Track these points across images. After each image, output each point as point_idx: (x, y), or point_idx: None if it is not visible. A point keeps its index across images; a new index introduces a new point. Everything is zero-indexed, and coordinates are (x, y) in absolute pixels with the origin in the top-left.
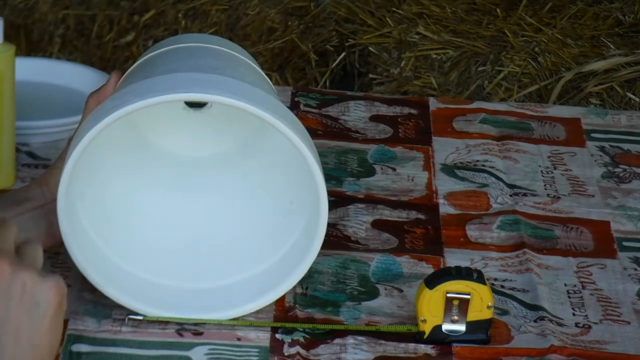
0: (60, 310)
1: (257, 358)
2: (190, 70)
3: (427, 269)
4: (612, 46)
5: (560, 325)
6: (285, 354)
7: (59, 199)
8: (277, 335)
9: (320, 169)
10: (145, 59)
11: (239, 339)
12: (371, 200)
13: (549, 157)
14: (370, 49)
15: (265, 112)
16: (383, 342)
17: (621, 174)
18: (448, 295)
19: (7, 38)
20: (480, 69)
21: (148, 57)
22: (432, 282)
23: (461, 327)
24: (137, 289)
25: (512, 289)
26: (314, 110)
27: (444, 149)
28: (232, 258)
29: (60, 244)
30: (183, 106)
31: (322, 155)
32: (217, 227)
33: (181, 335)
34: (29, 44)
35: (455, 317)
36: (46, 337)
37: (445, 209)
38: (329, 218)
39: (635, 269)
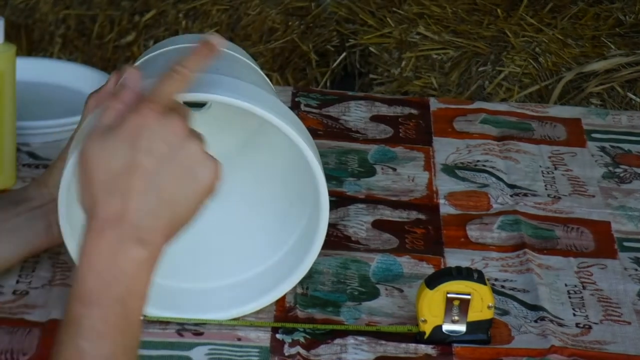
0: (209, 194)
1: (257, 358)
2: None
3: (428, 269)
4: (612, 46)
5: (561, 325)
6: (286, 354)
7: (60, 199)
8: (278, 336)
9: (321, 169)
10: (145, 59)
11: (239, 339)
12: (372, 201)
13: (549, 157)
14: (371, 49)
15: (267, 111)
16: (383, 342)
17: (622, 174)
18: (448, 295)
19: (8, 38)
20: (480, 69)
21: (148, 57)
22: (432, 282)
23: (462, 328)
24: None
25: (513, 289)
26: (314, 111)
27: (445, 149)
28: (233, 258)
29: (59, 244)
30: None
31: (323, 156)
32: (218, 228)
33: (181, 335)
34: (30, 44)
35: (456, 318)
36: (188, 210)
37: (446, 209)
38: (329, 218)
39: (636, 269)
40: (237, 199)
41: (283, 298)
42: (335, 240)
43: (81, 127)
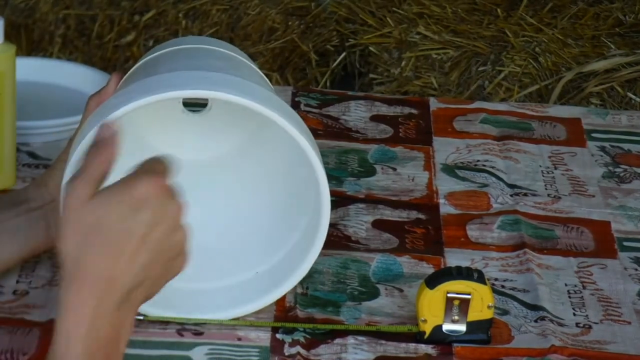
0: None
1: (257, 358)
2: (194, 69)
3: (428, 269)
4: (612, 46)
5: (561, 325)
6: (286, 354)
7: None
8: (278, 335)
9: (323, 168)
10: (145, 61)
11: (239, 339)
12: (372, 200)
13: (549, 157)
14: (371, 49)
15: (272, 110)
16: (383, 342)
17: (622, 174)
18: (449, 295)
19: (8, 38)
20: (480, 69)
21: (149, 59)
22: (432, 282)
23: (462, 327)
24: None
25: (513, 289)
26: (314, 110)
27: (445, 149)
28: (233, 258)
29: None
30: (182, 109)
31: (323, 155)
32: (218, 228)
33: (182, 335)
34: (30, 43)
35: (456, 317)
36: (159, 285)
37: (446, 209)
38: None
39: (636, 269)
40: (237, 200)
41: (283, 298)
42: (335, 240)
43: (83, 125)
